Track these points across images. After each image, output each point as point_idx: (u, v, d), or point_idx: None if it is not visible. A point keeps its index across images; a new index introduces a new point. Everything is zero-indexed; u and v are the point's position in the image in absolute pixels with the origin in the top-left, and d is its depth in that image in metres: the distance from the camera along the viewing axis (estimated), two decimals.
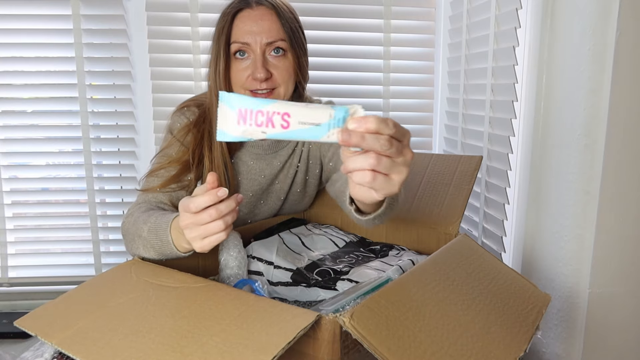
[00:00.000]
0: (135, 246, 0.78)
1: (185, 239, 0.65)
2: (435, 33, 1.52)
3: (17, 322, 0.62)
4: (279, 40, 0.86)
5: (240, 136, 0.50)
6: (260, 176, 0.99)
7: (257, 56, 0.86)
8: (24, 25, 1.40)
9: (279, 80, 0.88)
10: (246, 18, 0.86)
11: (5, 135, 1.45)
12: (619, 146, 0.83)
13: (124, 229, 0.83)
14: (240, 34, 0.86)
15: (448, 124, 1.50)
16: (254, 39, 0.85)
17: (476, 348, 0.56)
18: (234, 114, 0.49)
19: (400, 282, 0.61)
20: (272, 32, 0.86)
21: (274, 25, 0.86)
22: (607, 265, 0.87)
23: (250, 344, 0.50)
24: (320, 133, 0.49)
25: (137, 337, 0.54)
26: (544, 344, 0.98)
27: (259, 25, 0.85)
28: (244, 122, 0.49)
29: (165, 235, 0.72)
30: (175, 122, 0.94)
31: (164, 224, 0.72)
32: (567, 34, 0.90)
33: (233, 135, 0.50)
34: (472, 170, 0.98)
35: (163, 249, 0.73)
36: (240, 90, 0.89)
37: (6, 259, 1.50)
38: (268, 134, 0.49)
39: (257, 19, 0.86)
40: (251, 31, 0.85)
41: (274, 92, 0.89)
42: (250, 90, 0.88)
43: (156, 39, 1.43)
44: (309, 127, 0.48)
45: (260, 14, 0.86)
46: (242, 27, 0.86)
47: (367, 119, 0.48)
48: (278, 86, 0.88)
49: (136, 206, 0.86)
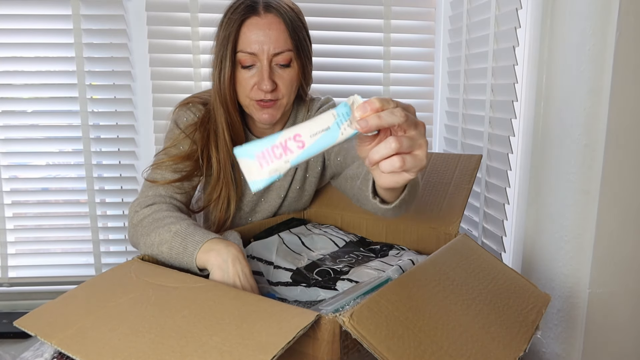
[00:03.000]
0: (149, 239, 0.79)
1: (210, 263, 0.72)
2: (435, 33, 1.52)
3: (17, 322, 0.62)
4: (287, 50, 0.85)
5: (270, 177, 0.51)
6: None
7: (263, 67, 0.84)
8: (24, 25, 1.40)
9: (283, 91, 0.87)
10: (254, 26, 0.84)
11: (5, 135, 1.45)
12: (619, 146, 0.83)
13: (137, 218, 0.83)
14: (247, 43, 0.84)
15: (448, 124, 1.50)
16: (261, 49, 0.84)
17: (476, 348, 0.56)
18: (255, 162, 0.51)
19: (400, 282, 0.61)
20: (279, 42, 0.84)
21: (282, 35, 0.84)
22: (607, 265, 0.87)
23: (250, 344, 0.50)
24: (334, 135, 0.50)
25: (136, 337, 0.54)
26: (543, 344, 0.98)
27: (266, 35, 0.83)
28: (266, 164, 0.51)
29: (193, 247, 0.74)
30: (181, 116, 0.94)
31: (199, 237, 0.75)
32: (567, 34, 0.90)
33: (264, 179, 0.51)
34: (472, 169, 0.98)
35: (180, 257, 0.75)
36: (245, 100, 0.89)
37: (6, 259, 1.50)
38: (291, 161, 0.51)
39: (265, 28, 0.84)
40: (258, 41, 0.83)
41: (277, 103, 0.88)
42: (255, 100, 0.87)
43: (156, 39, 1.43)
44: (322, 134, 0.50)
45: (268, 23, 0.84)
46: (250, 36, 0.84)
47: (370, 101, 0.50)
48: (282, 97, 0.88)
49: (151, 197, 0.87)
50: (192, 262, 0.74)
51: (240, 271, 0.71)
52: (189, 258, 0.74)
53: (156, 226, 0.79)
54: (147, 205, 0.85)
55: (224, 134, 0.90)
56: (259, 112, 0.89)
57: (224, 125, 0.90)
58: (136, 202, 0.87)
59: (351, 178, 0.91)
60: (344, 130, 0.50)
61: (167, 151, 0.91)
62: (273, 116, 0.89)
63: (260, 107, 0.88)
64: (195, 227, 0.78)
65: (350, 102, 0.50)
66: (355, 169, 0.89)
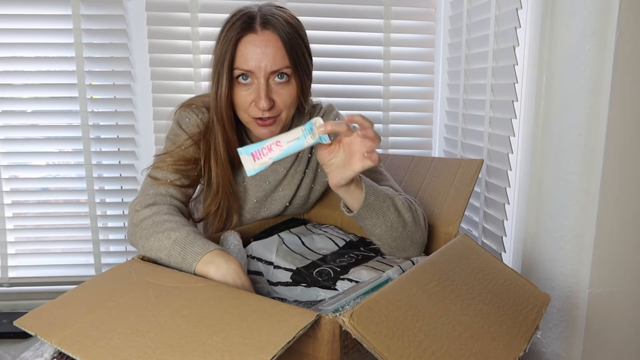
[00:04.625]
0: (147, 243, 0.78)
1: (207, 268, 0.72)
2: (435, 33, 1.52)
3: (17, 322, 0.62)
4: (284, 67, 0.84)
5: (260, 167, 0.76)
6: (264, 182, 0.99)
7: (260, 85, 0.83)
8: (24, 25, 1.40)
9: (281, 106, 0.86)
10: (250, 44, 0.83)
11: (5, 135, 1.45)
12: (619, 146, 0.83)
13: (137, 218, 0.83)
14: (244, 61, 0.83)
15: (448, 124, 1.50)
16: (258, 67, 0.82)
17: (476, 348, 0.56)
18: (251, 157, 0.76)
19: (400, 282, 0.61)
20: (277, 59, 0.83)
21: (279, 53, 0.83)
22: (607, 265, 0.87)
23: (250, 344, 0.50)
24: (301, 142, 0.75)
25: (137, 337, 0.54)
26: (543, 343, 0.98)
27: (263, 53, 0.82)
28: (258, 158, 0.76)
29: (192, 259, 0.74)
30: (184, 117, 0.93)
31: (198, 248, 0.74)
32: (567, 34, 0.90)
33: (255, 169, 0.76)
34: (473, 173, 0.98)
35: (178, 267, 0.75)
36: (244, 115, 0.88)
37: (6, 259, 1.50)
38: (272, 157, 0.76)
39: (262, 45, 0.82)
40: (255, 58, 0.82)
41: (276, 119, 0.88)
42: (254, 118, 0.87)
43: (156, 39, 1.43)
44: (294, 141, 0.75)
45: (265, 40, 0.82)
46: (246, 54, 0.83)
47: (328, 121, 0.74)
48: (280, 112, 0.87)
49: (151, 196, 0.86)
50: (191, 272, 0.73)
51: (241, 287, 0.71)
52: (188, 269, 0.73)
53: (155, 230, 0.78)
54: (147, 205, 0.84)
55: (222, 152, 0.91)
56: (259, 129, 0.88)
57: (222, 142, 0.91)
58: (136, 200, 0.87)
59: None
60: (308, 140, 0.75)
61: (170, 153, 0.91)
62: (272, 132, 0.88)
63: (259, 125, 0.87)
64: (195, 236, 0.77)
65: (314, 121, 0.75)
66: None
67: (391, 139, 1.56)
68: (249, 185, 0.99)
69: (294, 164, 1.01)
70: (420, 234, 0.87)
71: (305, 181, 1.03)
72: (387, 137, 1.56)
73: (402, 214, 0.84)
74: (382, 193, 0.83)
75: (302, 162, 1.01)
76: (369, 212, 0.81)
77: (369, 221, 0.83)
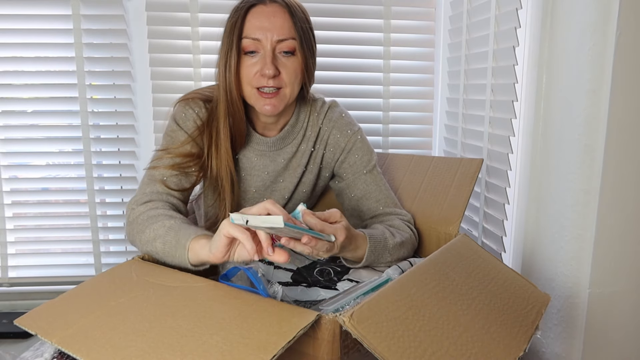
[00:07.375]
0: (144, 236, 0.80)
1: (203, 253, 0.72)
2: (435, 33, 1.52)
3: (17, 321, 0.62)
4: (290, 38, 0.86)
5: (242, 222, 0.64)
6: (263, 172, 0.99)
7: (266, 52, 0.86)
8: (24, 25, 1.40)
9: (286, 80, 0.88)
10: (259, 14, 0.86)
11: (5, 135, 1.45)
12: (618, 146, 0.83)
13: (133, 216, 0.85)
14: (251, 30, 0.86)
15: (448, 124, 1.50)
16: (265, 35, 0.85)
17: (476, 348, 0.56)
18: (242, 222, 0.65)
19: (400, 282, 0.61)
20: (283, 29, 0.86)
21: (286, 24, 0.86)
22: (607, 265, 0.87)
23: (250, 343, 0.50)
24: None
25: (137, 336, 0.54)
26: (543, 344, 0.98)
27: (271, 22, 0.85)
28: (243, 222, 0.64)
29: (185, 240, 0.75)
30: (180, 112, 0.93)
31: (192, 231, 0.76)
32: (567, 34, 0.90)
33: (239, 220, 0.64)
34: (473, 172, 0.99)
35: (173, 251, 0.75)
36: (247, 88, 0.88)
37: (6, 259, 1.50)
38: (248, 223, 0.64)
39: (270, 16, 0.86)
40: (262, 27, 0.85)
41: (280, 93, 0.88)
42: (257, 89, 0.87)
43: (156, 39, 1.43)
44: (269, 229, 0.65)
45: (273, 11, 0.86)
46: (254, 23, 0.86)
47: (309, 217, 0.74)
48: (284, 86, 0.88)
49: (148, 195, 0.87)
50: (184, 255, 0.73)
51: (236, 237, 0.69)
52: (182, 250, 0.74)
53: (151, 222, 0.80)
54: (143, 203, 0.86)
55: (224, 137, 0.91)
56: (261, 102, 0.88)
57: (225, 124, 0.91)
58: (133, 199, 0.88)
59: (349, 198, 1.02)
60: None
61: (167, 150, 0.91)
62: (275, 107, 0.88)
63: (262, 97, 0.88)
64: (189, 224, 0.79)
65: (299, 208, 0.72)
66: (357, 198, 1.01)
67: (391, 139, 1.56)
68: (247, 175, 0.99)
69: (295, 155, 1.00)
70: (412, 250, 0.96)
71: (308, 176, 1.03)
72: (387, 137, 1.56)
73: (398, 254, 0.89)
74: (380, 245, 0.85)
75: (305, 155, 1.01)
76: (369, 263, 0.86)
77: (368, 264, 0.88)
